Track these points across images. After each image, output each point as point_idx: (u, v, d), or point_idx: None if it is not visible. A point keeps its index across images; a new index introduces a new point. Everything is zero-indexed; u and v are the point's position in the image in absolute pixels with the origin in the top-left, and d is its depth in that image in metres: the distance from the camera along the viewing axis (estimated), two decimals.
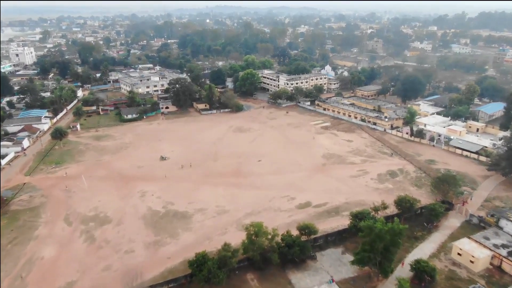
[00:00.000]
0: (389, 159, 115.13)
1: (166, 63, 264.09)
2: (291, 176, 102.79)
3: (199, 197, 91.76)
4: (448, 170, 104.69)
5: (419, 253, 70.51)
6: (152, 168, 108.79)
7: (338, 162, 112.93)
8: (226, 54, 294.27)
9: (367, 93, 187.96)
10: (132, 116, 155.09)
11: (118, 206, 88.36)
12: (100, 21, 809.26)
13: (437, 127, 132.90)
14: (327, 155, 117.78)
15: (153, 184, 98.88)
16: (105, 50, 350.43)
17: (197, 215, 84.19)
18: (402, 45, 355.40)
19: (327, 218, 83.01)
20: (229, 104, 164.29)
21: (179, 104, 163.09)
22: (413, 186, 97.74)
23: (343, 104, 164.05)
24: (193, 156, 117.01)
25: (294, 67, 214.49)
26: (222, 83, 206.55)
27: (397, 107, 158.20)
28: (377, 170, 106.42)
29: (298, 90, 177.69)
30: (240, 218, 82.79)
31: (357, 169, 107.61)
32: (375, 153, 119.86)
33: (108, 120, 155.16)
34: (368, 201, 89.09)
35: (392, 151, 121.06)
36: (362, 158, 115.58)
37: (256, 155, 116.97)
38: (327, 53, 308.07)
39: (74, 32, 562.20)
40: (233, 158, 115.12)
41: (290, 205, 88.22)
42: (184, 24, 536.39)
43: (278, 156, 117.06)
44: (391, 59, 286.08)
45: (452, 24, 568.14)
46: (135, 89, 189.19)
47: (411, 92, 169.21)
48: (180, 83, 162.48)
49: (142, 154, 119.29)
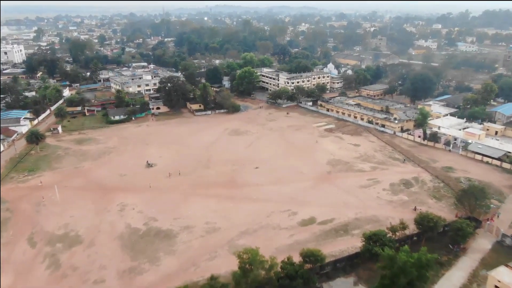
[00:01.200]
0: (402, 166, 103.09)
1: (161, 62, 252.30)
2: (292, 187, 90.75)
3: (187, 212, 79.77)
4: (470, 180, 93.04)
5: (447, 284, 58.62)
6: (136, 177, 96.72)
7: (345, 169, 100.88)
8: (224, 52, 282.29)
9: (373, 93, 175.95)
10: (120, 117, 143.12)
11: (92, 222, 76.39)
12: (97, 20, 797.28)
13: (453, 130, 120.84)
14: (332, 161, 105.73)
15: (135, 195, 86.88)
16: (99, 48, 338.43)
17: (183, 234, 72.21)
18: (406, 43, 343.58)
19: (334, 237, 71.05)
20: (225, 105, 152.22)
21: (171, 104, 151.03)
22: (431, 198, 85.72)
23: (348, 105, 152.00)
24: (183, 162, 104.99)
25: (295, 65, 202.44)
26: (219, 82, 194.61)
27: (407, 108, 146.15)
28: (389, 179, 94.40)
29: (299, 90, 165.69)
30: (233, 238, 70.83)
31: (367, 177, 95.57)
32: (386, 159, 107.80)
33: (93, 122, 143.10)
34: (381, 216, 77.37)
35: (405, 156, 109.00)
36: (372, 165, 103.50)
37: (253, 162, 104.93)
38: (329, 51, 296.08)
39: (70, 31, 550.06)
40: (228, 165, 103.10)
41: (291, 221, 76.26)
42: (182, 22, 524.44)
43: (277, 162, 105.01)
44: (396, 57, 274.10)
45: (456, 22, 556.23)
46: (125, 88, 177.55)
47: (421, 92, 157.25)
48: (172, 81, 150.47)
49: (126, 160, 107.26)
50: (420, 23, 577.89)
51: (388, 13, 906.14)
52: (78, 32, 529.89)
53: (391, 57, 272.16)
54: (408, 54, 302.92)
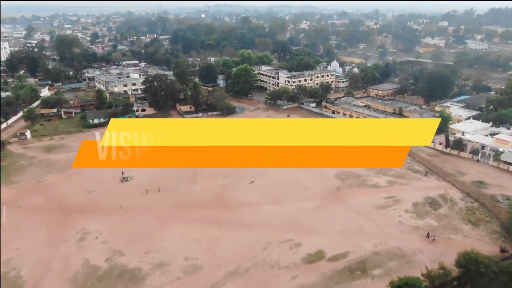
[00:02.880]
0: (424, 180, 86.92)
1: (153, 59, 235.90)
2: (294, 207, 74.63)
3: (162, 243, 63.63)
4: (509, 199, 76.98)
5: None
6: (107, 194, 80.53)
7: (356, 184, 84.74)
8: (220, 50, 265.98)
9: (383, 93, 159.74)
10: (100, 120, 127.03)
11: (41, 257, 60.27)
12: (94, 19, 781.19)
13: (479, 136, 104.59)
14: (341, 173, 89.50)
15: (101, 219, 70.71)
16: (90, 46, 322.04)
17: (154, 276, 56.08)
18: (412, 40, 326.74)
19: (349, 281, 54.92)
20: (218, 106, 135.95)
21: (158, 105, 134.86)
22: (465, 223, 69.53)
23: (356, 106, 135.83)
24: (165, 175, 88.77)
25: (296, 62, 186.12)
26: (213, 81, 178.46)
27: (422, 110, 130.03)
28: (411, 197, 78.29)
29: (301, 89, 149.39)
30: (218, 281, 54.74)
31: (384, 195, 79.45)
32: (404, 171, 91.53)
33: (70, 125, 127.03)
34: (407, 249, 61.31)
35: (426, 168, 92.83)
36: (388, 178, 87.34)
37: (247, 174, 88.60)
38: (332, 48, 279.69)
39: (64, 29, 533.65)
40: (218, 178, 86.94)
41: (293, 256, 60.11)
42: (179, 20, 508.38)
43: (276, 175, 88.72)
44: (403, 55, 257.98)
45: (461, 20, 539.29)
46: (110, 87, 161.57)
47: (437, 92, 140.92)
48: (159, 80, 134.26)
49: (98, 173, 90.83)
50: (424, 21, 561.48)
51: (390, 12, 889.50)
52: (72, 30, 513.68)
53: (398, 55, 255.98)
54: (416, 52, 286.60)
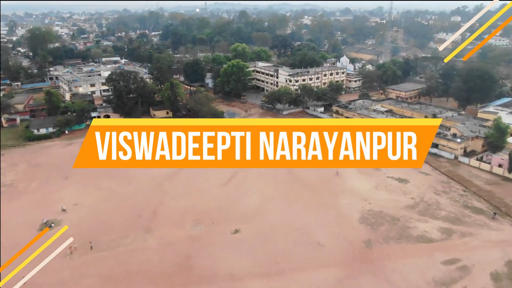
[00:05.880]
0: (494, 228, 58.03)
1: (135, 56, 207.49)
2: (302, 284, 45.89)
3: None
4: None
5: None
6: (7, 254, 51.66)
7: (395, 235, 55.84)
8: (213, 45, 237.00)
9: (405, 94, 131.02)
10: (47, 130, 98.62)
11: None
12: (87, 16, 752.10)
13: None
14: (369, 215, 60.71)
15: None
16: (72, 42, 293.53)
17: None
18: (426, 36, 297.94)
19: None
20: (200, 111, 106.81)
21: (123, 111, 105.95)
22: None
23: (377, 112, 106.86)
24: (110, 217, 60.26)
25: (299, 58, 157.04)
26: (201, 80, 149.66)
27: (462, 117, 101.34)
28: (484, 261, 49.62)
29: (306, 90, 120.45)
30: None
31: (441, 256, 50.66)
32: (460, 210, 62.71)
33: (8, 137, 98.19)
34: None
35: (491, 205, 64.04)
36: (440, 224, 58.45)
37: (231, 216, 60.04)
38: (339, 44, 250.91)
39: (52, 25, 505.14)
40: (186, 224, 58.28)
41: None
42: (172, 15, 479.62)
43: (273, 218, 60.08)
44: (419, 51, 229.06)
45: (472, 16, 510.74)
46: (73, 88, 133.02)
47: (477, 93, 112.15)
48: (125, 78, 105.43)
49: (14, 213, 62.42)
50: (433, 17, 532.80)
51: (393, 10, 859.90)
52: (61, 26, 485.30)
53: (413, 51, 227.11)
54: (432, 48, 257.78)
